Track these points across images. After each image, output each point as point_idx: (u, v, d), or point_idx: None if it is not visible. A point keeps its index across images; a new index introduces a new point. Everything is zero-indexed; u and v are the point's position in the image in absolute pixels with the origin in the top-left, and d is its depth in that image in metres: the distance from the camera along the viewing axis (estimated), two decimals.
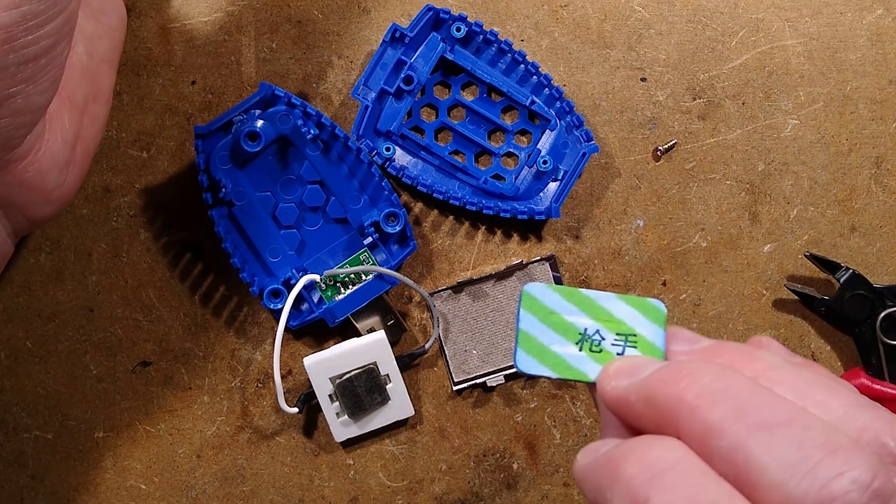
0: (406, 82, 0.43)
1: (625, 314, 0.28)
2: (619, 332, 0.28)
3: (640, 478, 0.23)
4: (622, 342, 0.28)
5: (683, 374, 0.24)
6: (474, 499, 0.45)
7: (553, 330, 0.29)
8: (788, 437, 0.22)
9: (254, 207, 0.42)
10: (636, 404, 0.25)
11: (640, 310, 0.28)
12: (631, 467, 0.23)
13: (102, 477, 0.44)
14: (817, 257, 0.44)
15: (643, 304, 0.28)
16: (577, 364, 0.28)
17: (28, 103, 0.32)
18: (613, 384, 0.26)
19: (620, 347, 0.28)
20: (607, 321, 0.28)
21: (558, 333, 0.29)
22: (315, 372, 0.43)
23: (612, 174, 0.44)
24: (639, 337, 0.28)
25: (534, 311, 0.29)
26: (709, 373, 0.24)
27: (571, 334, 0.28)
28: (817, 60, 0.44)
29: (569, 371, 0.28)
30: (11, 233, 0.37)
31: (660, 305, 0.29)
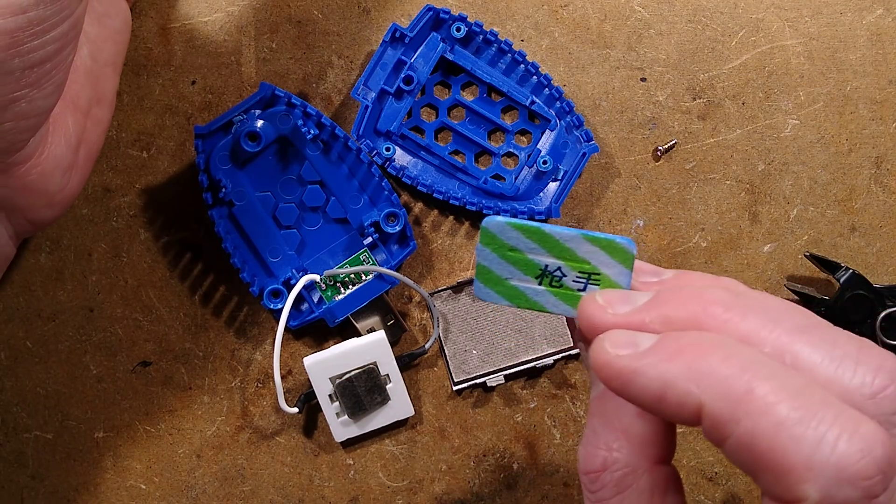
0: (406, 82, 0.43)
1: (589, 253, 0.28)
2: (581, 271, 0.28)
3: (733, 369, 0.23)
4: (584, 280, 0.28)
5: (700, 294, 0.25)
6: (474, 499, 0.45)
7: (512, 265, 0.28)
8: (825, 337, 0.23)
9: (254, 207, 0.42)
10: (651, 324, 0.25)
11: (606, 250, 0.28)
12: (719, 360, 0.23)
13: (102, 477, 0.45)
14: (817, 257, 0.44)
15: (610, 244, 0.28)
16: (535, 297, 0.28)
17: (32, 107, 0.32)
18: (612, 311, 0.26)
19: (582, 284, 0.28)
20: (570, 260, 0.28)
21: (517, 269, 0.28)
22: (315, 372, 0.43)
23: (612, 174, 0.44)
24: (602, 276, 0.28)
25: (493, 246, 0.28)
26: (723, 291, 0.25)
27: (531, 270, 0.28)
28: (817, 60, 0.44)
29: (526, 302, 0.28)
30: (13, 235, 0.37)
31: (628, 245, 0.27)
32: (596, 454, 0.27)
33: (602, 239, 0.28)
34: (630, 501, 0.27)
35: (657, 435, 0.27)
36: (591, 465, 0.27)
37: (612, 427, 0.27)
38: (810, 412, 0.22)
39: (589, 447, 0.27)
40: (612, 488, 0.27)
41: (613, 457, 0.27)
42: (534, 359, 0.44)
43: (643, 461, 0.27)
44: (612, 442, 0.27)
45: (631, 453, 0.27)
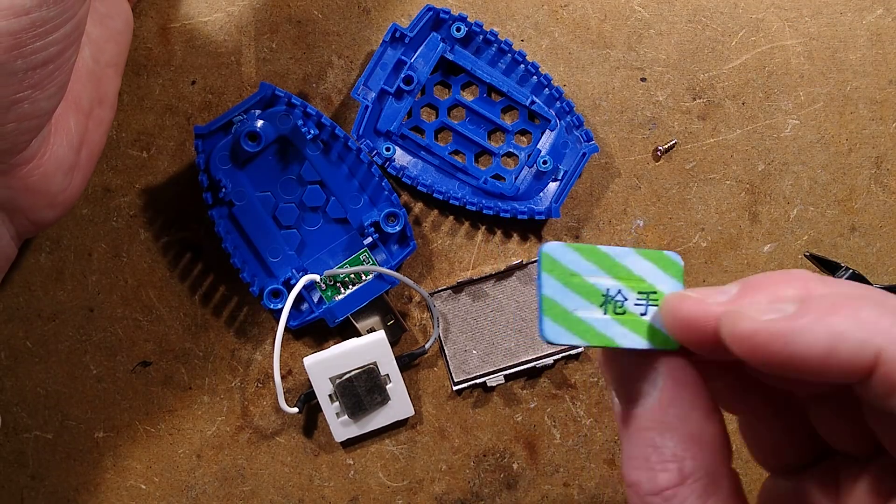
0: (406, 82, 0.43)
1: (644, 270, 0.28)
2: (640, 291, 0.28)
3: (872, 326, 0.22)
4: (644, 302, 0.28)
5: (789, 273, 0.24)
6: (474, 499, 0.45)
7: (576, 293, 0.27)
8: None
9: (254, 207, 0.42)
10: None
11: (657, 264, 0.28)
12: (883, 311, 0.22)
13: (102, 477, 0.45)
14: (817, 257, 0.44)
15: (661, 257, 0.28)
16: (604, 329, 0.27)
17: (35, 108, 0.32)
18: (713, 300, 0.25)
19: (643, 307, 0.28)
20: (627, 279, 0.28)
21: (581, 297, 0.27)
22: (315, 372, 0.43)
23: (612, 174, 0.44)
24: (659, 294, 0.28)
25: (555, 273, 0.27)
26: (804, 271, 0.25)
27: (595, 297, 0.27)
28: (817, 60, 0.44)
29: (597, 338, 0.27)
30: (15, 236, 0.37)
31: (676, 258, 0.28)
32: (665, 468, 0.25)
33: (651, 253, 0.28)
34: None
35: (725, 436, 0.26)
36: (662, 482, 0.25)
37: (679, 436, 0.25)
38: None
39: (652, 464, 0.25)
40: (696, 501, 0.25)
41: (689, 467, 0.25)
42: (534, 359, 0.44)
43: (722, 466, 0.25)
44: (684, 452, 0.25)
45: (708, 460, 0.25)
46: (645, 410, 0.26)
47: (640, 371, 0.26)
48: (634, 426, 0.26)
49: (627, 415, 0.26)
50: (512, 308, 0.44)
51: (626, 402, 0.26)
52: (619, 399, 0.27)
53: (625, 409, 0.26)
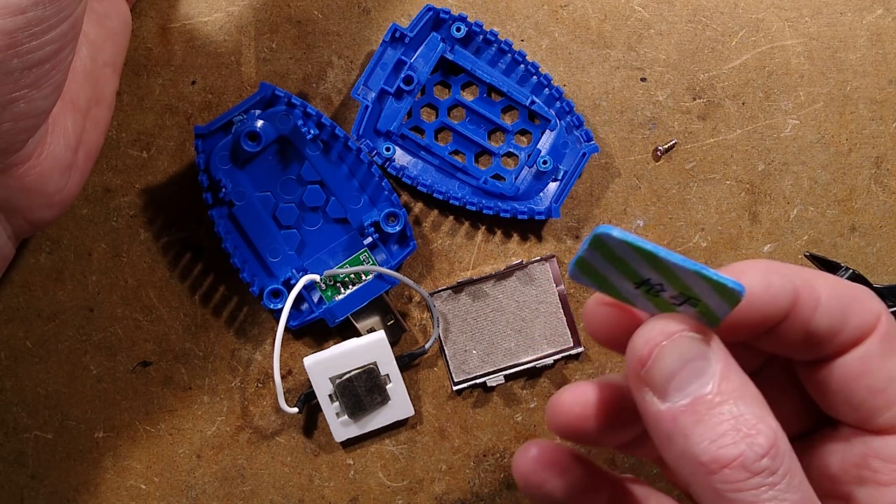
0: (406, 82, 0.43)
1: (697, 286, 0.26)
2: (682, 292, 0.27)
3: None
4: (682, 300, 0.27)
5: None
6: (474, 499, 0.45)
7: (615, 269, 0.27)
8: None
9: (254, 207, 0.42)
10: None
11: (715, 289, 0.26)
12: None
13: (102, 477, 0.45)
14: (817, 257, 0.44)
15: (720, 287, 0.26)
16: (628, 294, 0.27)
17: (31, 108, 0.32)
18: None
19: (679, 302, 0.27)
20: (675, 283, 0.27)
21: (619, 272, 0.27)
22: (315, 372, 0.43)
23: (612, 174, 0.44)
24: (701, 303, 0.27)
25: (601, 251, 0.26)
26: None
27: (633, 276, 0.27)
28: (817, 60, 0.44)
29: (617, 294, 0.27)
30: (12, 236, 0.37)
31: (738, 290, 0.26)
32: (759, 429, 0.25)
33: (714, 280, 0.26)
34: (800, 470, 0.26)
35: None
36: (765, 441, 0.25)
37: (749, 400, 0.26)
38: None
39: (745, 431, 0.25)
40: (791, 453, 0.25)
41: (773, 423, 0.26)
42: (534, 359, 0.44)
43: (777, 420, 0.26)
44: (761, 411, 0.26)
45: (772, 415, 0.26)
46: (710, 388, 0.26)
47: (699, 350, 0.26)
48: (702, 409, 0.26)
49: (695, 400, 0.26)
50: (512, 308, 0.44)
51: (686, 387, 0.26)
52: (676, 387, 0.26)
53: (688, 396, 0.26)
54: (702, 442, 0.25)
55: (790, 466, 0.25)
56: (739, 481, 0.25)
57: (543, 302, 0.44)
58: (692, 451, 0.25)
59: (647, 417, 0.27)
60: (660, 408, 0.26)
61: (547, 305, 0.44)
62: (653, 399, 0.26)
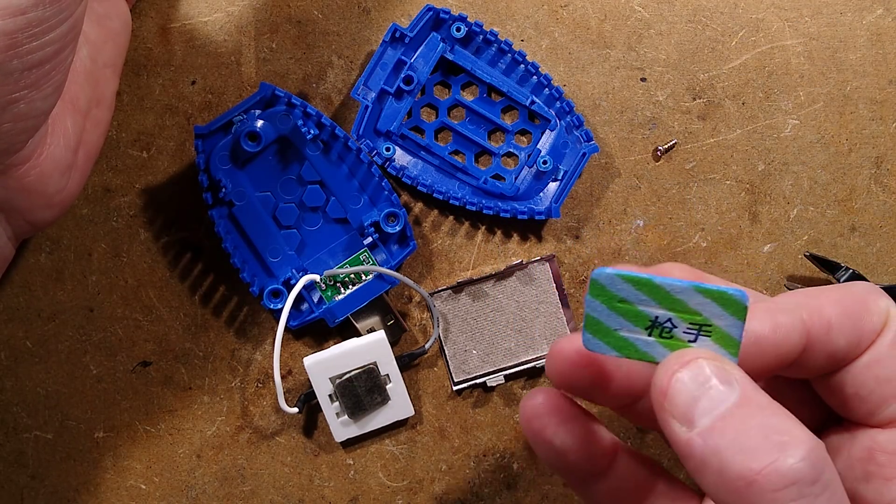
0: (406, 82, 0.43)
1: (700, 305, 0.26)
2: (692, 323, 0.26)
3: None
4: (695, 331, 0.27)
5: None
6: (474, 499, 0.45)
7: (621, 317, 0.27)
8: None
9: (254, 207, 0.42)
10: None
11: (718, 301, 0.26)
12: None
13: (102, 477, 0.45)
14: (817, 257, 0.44)
15: (722, 296, 0.26)
16: (645, 348, 0.27)
17: (31, 108, 0.32)
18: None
19: (693, 336, 0.27)
20: (681, 312, 0.26)
21: (627, 320, 0.27)
22: (315, 372, 0.43)
23: (612, 174, 0.44)
24: (714, 328, 0.26)
25: (601, 298, 0.27)
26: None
27: (641, 321, 0.27)
28: (817, 60, 0.44)
29: (636, 353, 0.27)
30: (12, 236, 0.37)
31: (741, 297, 0.26)
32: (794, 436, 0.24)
33: (714, 291, 0.26)
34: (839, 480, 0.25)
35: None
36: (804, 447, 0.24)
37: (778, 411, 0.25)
38: None
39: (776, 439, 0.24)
40: (831, 463, 0.24)
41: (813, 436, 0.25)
42: (534, 359, 0.44)
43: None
44: (792, 420, 0.25)
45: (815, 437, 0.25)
46: (734, 405, 0.25)
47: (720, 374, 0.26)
48: (730, 425, 0.25)
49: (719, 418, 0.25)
50: (512, 308, 0.44)
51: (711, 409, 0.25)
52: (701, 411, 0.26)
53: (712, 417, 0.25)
54: (734, 456, 0.24)
55: (831, 479, 0.24)
56: (777, 490, 0.24)
57: (543, 302, 0.44)
58: (726, 468, 0.24)
59: (679, 448, 0.26)
60: (689, 434, 0.26)
61: (547, 305, 0.44)
62: (680, 427, 0.26)
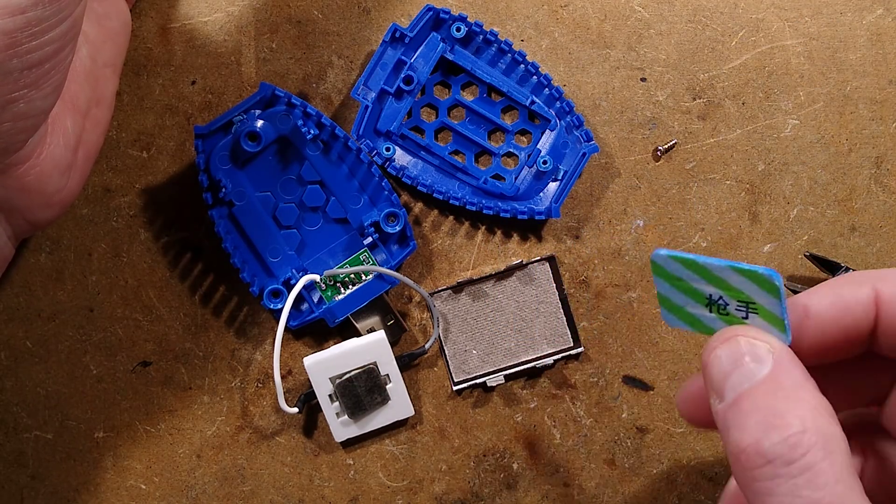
0: (406, 82, 0.43)
1: (740, 284, 0.29)
2: (740, 300, 0.29)
3: None
4: (744, 309, 0.29)
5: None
6: (474, 499, 0.45)
7: (683, 294, 0.30)
8: None
9: (254, 207, 0.42)
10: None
11: (753, 280, 0.28)
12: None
13: (102, 477, 0.45)
14: (817, 257, 0.44)
15: (754, 275, 0.28)
16: (710, 323, 0.30)
17: (31, 108, 0.32)
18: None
19: (744, 313, 0.29)
20: (727, 289, 0.29)
21: (689, 297, 0.30)
22: (315, 372, 0.43)
23: (612, 174, 0.44)
24: (758, 306, 0.28)
25: (663, 277, 0.30)
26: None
27: (700, 298, 0.29)
28: (817, 60, 0.44)
29: (705, 328, 0.30)
30: (12, 236, 0.37)
31: (770, 276, 0.28)
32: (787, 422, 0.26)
33: (746, 270, 0.28)
34: (840, 464, 0.25)
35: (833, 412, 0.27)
36: (785, 431, 0.25)
37: (794, 402, 0.26)
38: None
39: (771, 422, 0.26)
40: (821, 450, 0.25)
41: (809, 422, 0.26)
42: (534, 359, 0.44)
43: (837, 430, 0.26)
44: (803, 412, 0.26)
45: (824, 422, 0.26)
46: (757, 381, 0.27)
47: (751, 352, 0.27)
48: (749, 401, 0.26)
49: (740, 396, 0.27)
50: (512, 308, 0.44)
51: (736, 387, 0.27)
52: (729, 387, 0.27)
53: (735, 394, 0.27)
54: (735, 432, 0.26)
55: (817, 463, 0.25)
56: (756, 468, 0.25)
57: (543, 302, 0.44)
58: (728, 441, 0.26)
59: (715, 420, 0.27)
60: (717, 407, 0.27)
61: (547, 305, 0.44)
62: (714, 400, 0.27)
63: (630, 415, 0.45)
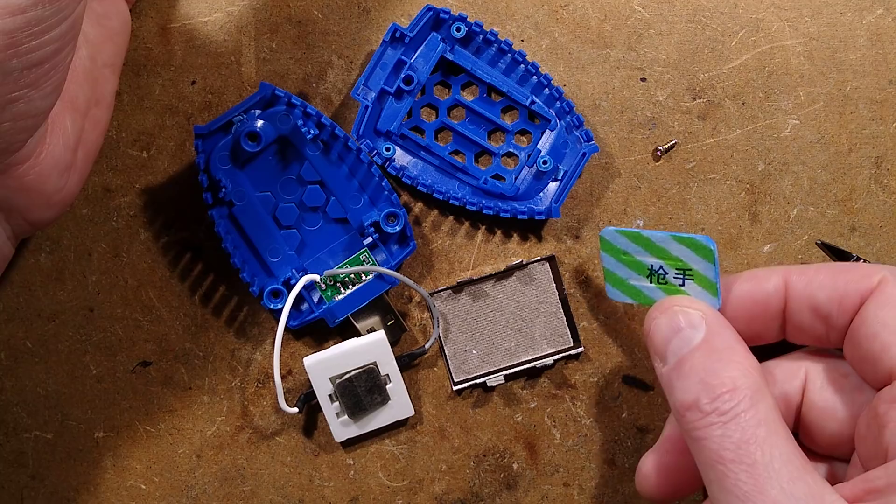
0: (406, 82, 0.43)
1: (680, 252, 0.34)
2: (678, 268, 0.34)
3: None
4: (681, 276, 0.34)
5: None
6: (474, 499, 0.45)
7: (627, 267, 0.35)
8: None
9: (254, 207, 0.42)
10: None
11: (691, 248, 0.34)
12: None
13: (102, 477, 0.45)
14: (829, 246, 0.44)
15: (692, 242, 0.34)
16: (650, 294, 0.35)
17: (31, 108, 0.32)
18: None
19: (681, 280, 0.34)
20: (667, 258, 0.34)
21: (632, 270, 0.35)
22: (315, 372, 0.43)
23: (612, 174, 0.44)
24: (694, 271, 0.34)
25: (610, 252, 0.35)
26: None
27: (642, 270, 0.35)
28: (817, 60, 0.44)
29: (644, 298, 0.35)
30: (12, 236, 0.37)
31: (706, 242, 0.34)
32: (721, 382, 0.30)
33: (685, 238, 0.34)
34: (766, 411, 0.30)
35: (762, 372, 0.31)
36: (717, 389, 0.30)
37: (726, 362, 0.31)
38: None
39: (707, 382, 0.30)
40: (749, 401, 0.30)
41: (739, 380, 0.30)
42: (534, 359, 0.44)
43: (764, 385, 0.31)
44: (734, 371, 0.30)
45: (753, 378, 0.30)
46: (694, 346, 0.31)
47: (686, 320, 0.32)
48: (687, 365, 0.31)
49: (680, 360, 0.31)
50: (512, 308, 0.44)
51: (676, 352, 0.31)
52: (670, 353, 0.32)
53: (676, 359, 0.31)
54: (677, 393, 0.31)
55: (744, 412, 0.29)
56: (696, 421, 0.30)
57: (543, 302, 0.44)
58: (672, 400, 0.31)
59: (660, 381, 0.32)
60: (661, 370, 0.32)
61: (547, 305, 0.44)
62: (658, 363, 0.32)
63: (630, 415, 0.45)
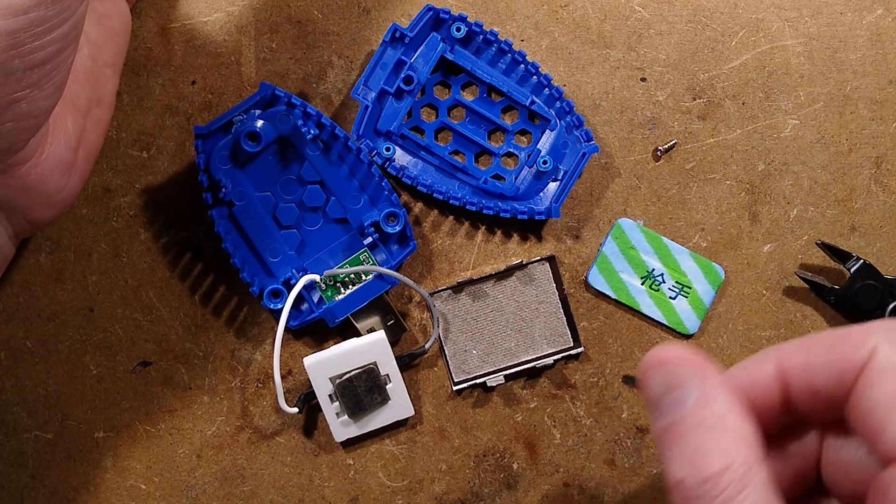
0: (406, 82, 0.43)
1: (689, 269, 0.35)
2: (677, 282, 0.35)
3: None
4: (677, 290, 0.35)
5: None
6: (474, 499, 0.45)
7: (627, 261, 0.35)
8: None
9: (254, 207, 0.42)
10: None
11: (702, 269, 0.35)
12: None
13: (102, 477, 0.45)
14: (829, 246, 0.44)
15: (708, 265, 0.35)
16: (635, 294, 0.35)
17: (32, 108, 0.32)
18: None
19: (674, 294, 0.35)
20: (673, 269, 0.35)
21: (630, 266, 0.35)
22: (315, 372, 0.43)
23: (612, 174, 0.44)
24: (692, 291, 0.35)
25: (618, 240, 0.35)
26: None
27: (640, 270, 0.35)
28: (817, 60, 0.44)
29: (626, 297, 0.35)
30: (13, 235, 0.37)
31: (720, 271, 0.36)
32: (710, 461, 0.28)
33: (702, 260, 0.35)
34: (756, 494, 0.28)
35: (759, 435, 0.29)
36: (706, 472, 0.28)
37: (719, 433, 0.29)
38: None
39: (696, 459, 0.28)
40: (737, 485, 0.28)
41: (730, 458, 0.28)
42: (534, 359, 0.44)
43: (757, 459, 0.29)
44: (726, 446, 0.28)
45: (745, 453, 0.28)
46: (685, 412, 0.29)
47: (679, 379, 0.30)
48: (678, 431, 0.29)
49: (671, 424, 0.29)
50: (512, 308, 0.44)
51: (668, 412, 0.29)
52: (662, 411, 0.30)
53: (668, 421, 0.29)
54: (666, 461, 0.29)
55: (734, 497, 0.28)
56: (685, 499, 0.28)
57: (543, 302, 0.44)
58: (666, 468, 0.29)
59: (654, 434, 0.30)
60: (656, 425, 0.30)
61: (547, 305, 0.44)
62: (653, 413, 0.30)
63: (630, 415, 0.45)
